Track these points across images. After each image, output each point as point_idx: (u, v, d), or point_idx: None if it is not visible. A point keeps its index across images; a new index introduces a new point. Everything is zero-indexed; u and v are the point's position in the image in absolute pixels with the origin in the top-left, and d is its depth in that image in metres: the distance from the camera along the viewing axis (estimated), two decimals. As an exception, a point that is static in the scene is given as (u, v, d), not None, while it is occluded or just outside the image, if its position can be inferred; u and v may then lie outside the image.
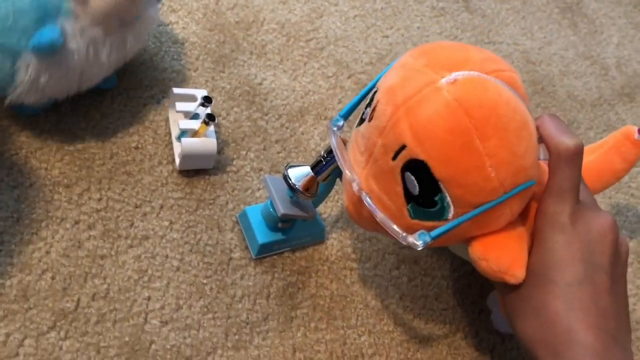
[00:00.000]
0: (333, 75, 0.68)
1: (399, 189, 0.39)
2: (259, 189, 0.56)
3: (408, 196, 0.39)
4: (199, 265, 0.51)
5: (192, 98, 0.56)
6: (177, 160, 0.54)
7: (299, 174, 0.48)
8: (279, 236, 0.52)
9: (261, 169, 0.58)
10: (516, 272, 0.40)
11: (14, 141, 0.52)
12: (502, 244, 0.41)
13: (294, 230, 0.52)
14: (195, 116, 0.55)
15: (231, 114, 0.61)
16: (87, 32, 0.47)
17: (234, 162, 0.57)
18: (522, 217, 0.42)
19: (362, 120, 0.42)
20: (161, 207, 0.53)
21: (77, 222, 0.50)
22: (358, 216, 0.44)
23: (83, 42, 0.47)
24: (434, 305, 0.54)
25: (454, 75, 0.37)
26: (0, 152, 0.51)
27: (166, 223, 0.52)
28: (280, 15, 0.71)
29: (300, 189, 0.47)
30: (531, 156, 0.38)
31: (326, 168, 0.47)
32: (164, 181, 0.54)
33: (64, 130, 0.54)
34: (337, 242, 0.55)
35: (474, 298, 0.56)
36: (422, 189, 0.38)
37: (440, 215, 0.39)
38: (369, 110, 0.41)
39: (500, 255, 0.40)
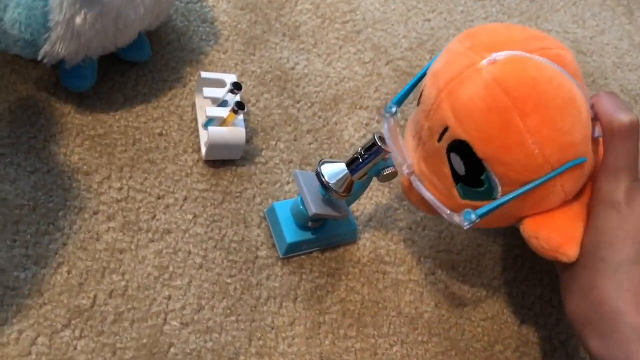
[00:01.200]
0: (370, 61, 0.64)
1: (447, 170, 0.40)
2: (288, 183, 0.53)
3: (456, 177, 0.40)
4: (223, 263, 0.48)
5: (221, 83, 0.52)
6: (203, 150, 0.51)
7: (334, 171, 0.44)
8: (308, 235, 0.48)
9: (291, 161, 0.54)
10: (567, 251, 0.39)
11: (33, 123, 0.50)
12: (554, 222, 0.40)
13: (324, 229, 0.49)
14: (223, 103, 0.51)
15: (261, 101, 0.57)
16: None
17: (263, 153, 0.54)
18: (581, 196, 0.42)
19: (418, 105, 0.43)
20: (185, 198, 0.50)
21: (95, 213, 0.47)
22: (410, 194, 0.45)
23: None
24: (472, 315, 0.51)
25: (494, 55, 0.37)
26: (18, 134, 0.49)
27: (190, 216, 0.49)
28: (315, -5, 0.66)
29: (334, 188, 0.44)
30: (580, 132, 0.38)
31: (363, 166, 0.44)
32: (189, 171, 0.51)
33: (85, 113, 0.51)
34: (369, 243, 0.52)
35: (515, 308, 0.52)
36: (468, 168, 0.39)
37: (488, 194, 0.39)
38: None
39: (551, 233, 0.40)
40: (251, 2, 0.63)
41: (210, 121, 0.51)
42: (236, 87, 0.50)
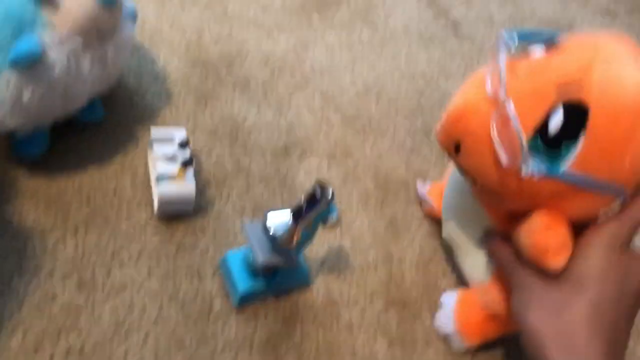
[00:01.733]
0: (319, 109, 0.66)
1: (539, 115, 0.39)
2: (241, 232, 0.55)
3: (541, 129, 0.39)
4: (179, 316, 0.49)
5: (171, 139, 0.54)
6: (155, 205, 0.53)
7: (279, 221, 0.46)
8: (261, 284, 0.50)
9: (244, 211, 0.56)
10: (560, 261, 0.41)
11: (-14, 188, 0.51)
12: (568, 232, 0.41)
13: (277, 276, 0.50)
14: (173, 158, 0.53)
15: (213, 153, 0.59)
16: (66, 42, 0.46)
17: (216, 204, 0.56)
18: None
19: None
20: (139, 254, 0.51)
21: (51, 273, 0.48)
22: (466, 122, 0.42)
23: (62, 53, 0.46)
24: (425, 352, 0.52)
25: None
26: (-29, 201, 0.50)
27: (144, 271, 0.50)
28: (264, 48, 0.69)
29: (281, 238, 0.46)
30: None
31: (307, 215, 0.46)
32: (143, 226, 0.53)
33: (39, 175, 0.53)
34: (323, 287, 0.53)
35: (466, 341, 0.54)
36: (562, 130, 0.38)
37: (554, 163, 0.39)
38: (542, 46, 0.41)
39: (561, 236, 0.41)
40: (202, 58, 0.66)
41: (161, 177, 0.52)
42: (184, 142, 0.52)
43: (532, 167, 0.38)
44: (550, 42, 0.41)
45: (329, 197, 0.45)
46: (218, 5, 0.71)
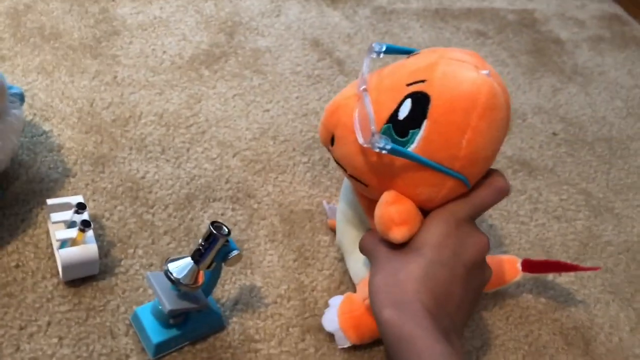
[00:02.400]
0: (218, 157, 0.69)
1: (392, 106, 0.46)
2: (146, 283, 0.55)
3: (392, 117, 0.45)
4: (94, 378, 0.49)
5: (68, 206, 0.55)
6: (60, 272, 0.53)
7: (181, 266, 0.48)
8: (174, 332, 0.51)
9: (151, 265, 0.57)
10: (403, 232, 0.46)
11: None
12: (409, 206, 0.47)
13: (189, 323, 0.51)
14: (72, 224, 0.54)
15: (115, 213, 0.60)
16: None
17: (122, 263, 0.56)
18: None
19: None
20: (48, 324, 0.51)
21: (-45, 359, 0.47)
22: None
23: None
24: (344, 370, 0.54)
25: (486, 72, 0.45)
26: None
27: (55, 340, 0.50)
28: (157, 107, 0.71)
29: (184, 282, 0.47)
30: (491, 161, 0.46)
31: (207, 256, 0.48)
32: (50, 296, 0.52)
33: None
34: (238, 326, 0.55)
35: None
36: (409, 116, 0.45)
37: (401, 145, 0.45)
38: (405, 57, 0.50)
39: (405, 211, 0.46)
40: (95, 125, 0.67)
41: (63, 244, 0.53)
42: (80, 207, 0.53)
43: (381, 143, 0.44)
44: (412, 54, 0.49)
45: (225, 234, 0.47)
46: (107, 74, 0.73)
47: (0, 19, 0.76)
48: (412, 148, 0.45)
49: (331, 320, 0.55)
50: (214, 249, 0.48)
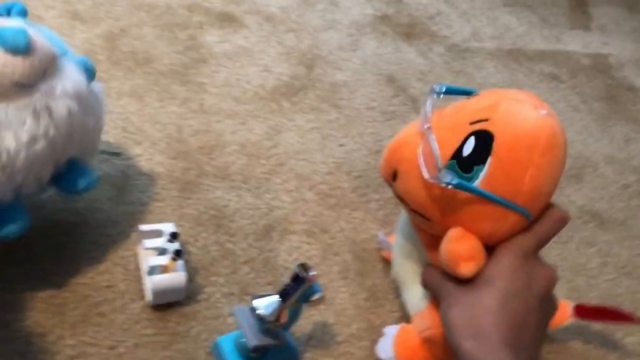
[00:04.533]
0: (295, 189, 0.71)
1: (455, 144, 0.48)
2: (230, 315, 0.58)
3: (456, 153, 0.48)
4: (176, 402, 0.51)
5: (159, 233, 0.58)
6: (149, 296, 0.56)
7: (266, 303, 0.50)
8: (253, 364, 0.53)
9: (232, 294, 0.59)
10: (471, 267, 0.47)
11: (-14, 294, 0.53)
12: (474, 242, 0.48)
13: (267, 356, 0.53)
14: (163, 251, 0.57)
15: (199, 240, 0.63)
16: None
17: (205, 290, 0.59)
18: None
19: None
20: (136, 345, 0.54)
21: (52, 372, 0.50)
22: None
23: None
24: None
25: (545, 111, 0.48)
26: (-28, 308, 0.52)
27: (141, 362, 0.53)
28: (240, 137, 0.74)
29: (269, 319, 0.49)
30: (551, 196, 0.48)
31: (292, 295, 0.49)
32: (137, 318, 0.55)
33: (36, 277, 0.56)
34: (311, 361, 0.56)
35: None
36: (473, 153, 0.47)
37: (466, 181, 0.47)
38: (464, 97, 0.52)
39: (471, 247, 0.48)
40: (183, 151, 0.70)
41: (153, 269, 0.56)
42: (173, 236, 0.55)
43: (447, 178, 0.46)
44: (471, 95, 0.52)
45: (312, 276, 0.49)
46: (194, 101, 0.77)
47: (98, 41, 0.80)
48: (476, 183, 0.47)
49: (386, 349, 0.57)
50: (300, 290, 0.49)
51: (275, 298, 0.50)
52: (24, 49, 0.47)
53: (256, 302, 0.50)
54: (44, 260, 0.57)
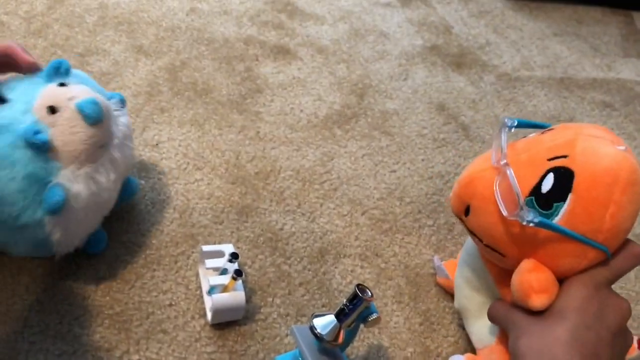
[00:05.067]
0: (348, 214, 0.72)
1: (534, 181, 0.48)
2: (286, 335, 0.59)
3: (535, 190, 0.48)
4: (235, 419, 0.52)
5: (220, 254, 0.60)
6: (209, 315, 0.58)
7: (324, 323, 0.51)
8: (310, 384, 0.53)
9: (288, 314, 0.61)
10: (543, 299, 0.47)
11: (58, 310, 0.56)
12: (551, 277, 0.48)
13: (324, 376, 0.54)
14: (223, 271, 0.58)
15: (256, 262, 0.65)
16: (78, 172, 0.53)
17: (262, 310, 0.60)
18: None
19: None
20: (196, 362, 0.55)
21: (117, 385, 0.52)
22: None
23: (81, 181, 0.53)
24: None
25: (622, 147, 0.48)
26: (46, 322, 0.55)
27: (202, 378, 0.54)
28: (295, 162, 0.77)
29: (327, 339, 0.50)
30: (629, 232, 0.47)
31: (349, 316, 0.50)
32: (197, 336, 0.57)
33: (103, 294, 0.58)
34: (366, 383, 0.57)
35: None
36: (553, 190, 0.47)
37: (545, 218, 0.47)
38: (539, 131, 0.52)
39: (544, 279, 0.48)
40: (240, 176, 0.73)
41: (213, 289, 0.58)
42: (234, 256, 0.57)
43: (529, 216, 0.46)
44: (543, 128, 0.52)
45: (369, 297, 0.50)
46: (251, 129, 0.79)
47: (160, 73, 0.84)
48: (556, 220, 0.47)
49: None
50: (357, 310, 0.50)
51: (333, 318, 0.51)
52: (102, 119, 0.54)
53: (315, 321, 0.51)
54: (110, 279, 0.60)
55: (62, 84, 0.55)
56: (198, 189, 0.70)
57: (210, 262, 0.59)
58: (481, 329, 0.58)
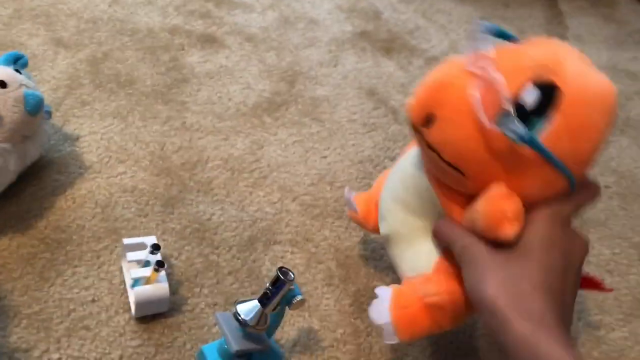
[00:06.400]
0: (278, 201, 0.72)
1: (515, 91, 0.42)
2: (215, 325, 0.58)
3: (515, 101, 0.42)
4: (162, 412, 0.51)
5: (142, 246, 0.59)
6: (133, 308, 0.56)
7: (248, 308, 0.50)
8: (237, 371, 0.53)
9: (216, 304, 0.60)
10: (516, 229, 0.43)
11: (-29, 312, 0.54)
12: (521, 206, 0.44)
13: (252, 362, 0.54)
14: (146, 263, 0.57)
15: (183, 253, 0.64)
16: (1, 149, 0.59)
17: (189, 301, 0.60)
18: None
19: None
20: (121, 357, 0.54)
21: (37, 386, 0.51)
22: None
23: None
24: (399, 417, 0.55)
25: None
26: (-43, 326, 0.53)
27: (126, 373, 0.53)
28: (223, 152, 0.76)
29: (250, 324, 0.50)
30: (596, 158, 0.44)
31: (273, 299, 0.50)
32: (122, 330, 0.56)
33: (20, 293, 0.56)
34: (296, 367, 0.57)
35: (437, 403, 0.57)
36: (537, 106, 0.42)
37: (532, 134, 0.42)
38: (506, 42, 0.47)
39: (517, 208, 0.43)
40: (165, 168, 0.72)
41: (136, 281, 0.57)
42: (155, 248, 0.56)
43: (513, 125, 0.41)
44: (514, 40, 0.47)
45: (291, 279, 0.50)
46: (177, 119, 0.78)
47: (81, 66, 0.82)
48: (538, 136, 0.42)
49: (381, 312, 0.51)
50: (280, 293, 0.50)
51: (256, 303, 0.51)
52: (39, 113, 0.62)
53: (238, 307, 0.50)
54: (28, 277, 0.58)
55: (17, 71, 0.63)
56: (121, 182, 0.69)
57: (132, 255, 0.57)
58: (416, 255, 0.53)
